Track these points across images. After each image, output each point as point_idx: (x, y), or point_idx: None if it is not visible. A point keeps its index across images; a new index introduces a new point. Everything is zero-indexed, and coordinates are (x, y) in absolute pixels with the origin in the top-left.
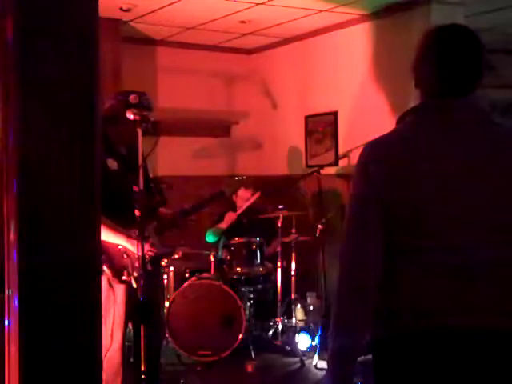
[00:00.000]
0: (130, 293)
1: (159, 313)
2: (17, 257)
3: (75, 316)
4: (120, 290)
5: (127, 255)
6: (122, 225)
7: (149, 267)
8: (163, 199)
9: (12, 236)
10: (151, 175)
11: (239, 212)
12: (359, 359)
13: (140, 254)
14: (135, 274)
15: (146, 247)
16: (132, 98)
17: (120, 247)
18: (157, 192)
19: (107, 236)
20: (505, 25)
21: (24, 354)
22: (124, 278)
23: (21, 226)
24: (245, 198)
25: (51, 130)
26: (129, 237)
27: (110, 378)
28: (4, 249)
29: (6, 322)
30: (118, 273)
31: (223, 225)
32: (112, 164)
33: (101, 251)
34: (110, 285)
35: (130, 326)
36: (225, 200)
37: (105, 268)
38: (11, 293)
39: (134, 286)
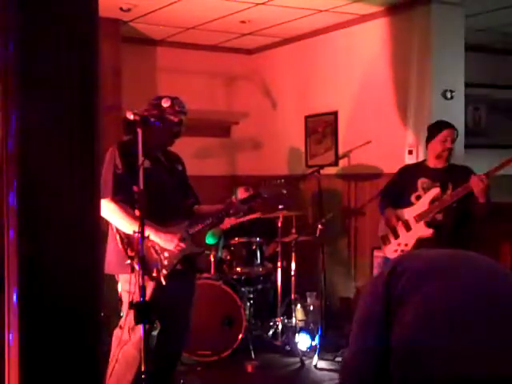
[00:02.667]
0: (158, 290)
1: (185, 316)
2: (17, 257)
3: (76, 318)
4: (149, 287)
5: (156, 250)
6: (156, 220)
7: (179, 266)
8: (196, 199)
9: (12, 236)
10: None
11: (239, 221)
12: None
13: (141, 253)
14: (164, 271)
15: (175, 242)
16: (164, 101)
17: (149, 243)
18: (191, 192)
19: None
20: (505, 25)
21: (24, 353)
22: (154, 275)
23: (21, 226)
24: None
25: (51, 130)
26: (158, 230)
27: (120, 371)
28: (4, 248)
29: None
30: (148, 269)
31: (222, 226)
32: (145, 163)
33: (100, 250)
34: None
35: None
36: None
37: (135, 265)
38: (11, 293)
39: (164, 283)
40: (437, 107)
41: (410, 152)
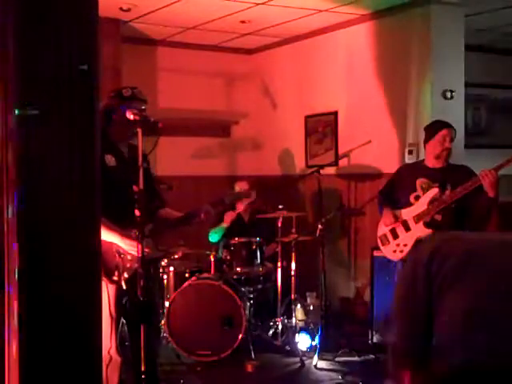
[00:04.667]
0: (120, 293)
1: (154, 314)
2: (17, 257)
3: (75, 318)
4: (111, 289)
5: (119, 254)
6: (118, 222)
7: (140, 269)
8: (162, 202)
9: (12, 236)
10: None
11: (238, 211)
12: (359, 359)
13: (140, 254)
14: (125, 275)
15: (139, 248)
16: (124, 92)
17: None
18: (156, 195)
19: (101, 233)
20: (505, 25)
21: (24, 352)
22: (115, 278)
23: (20, 226)
24: (243, 189)
25: (51, 129)
26: (123, 236)
27: (106, 376)
28: (4, 249)
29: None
30: (108, 272)
31: (224, 224)
32: (110, 160)
33: (101, 251)
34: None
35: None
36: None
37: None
38: (11, 293)
39: (124, 287)
40: (437, 107)
41: (410, 152)
